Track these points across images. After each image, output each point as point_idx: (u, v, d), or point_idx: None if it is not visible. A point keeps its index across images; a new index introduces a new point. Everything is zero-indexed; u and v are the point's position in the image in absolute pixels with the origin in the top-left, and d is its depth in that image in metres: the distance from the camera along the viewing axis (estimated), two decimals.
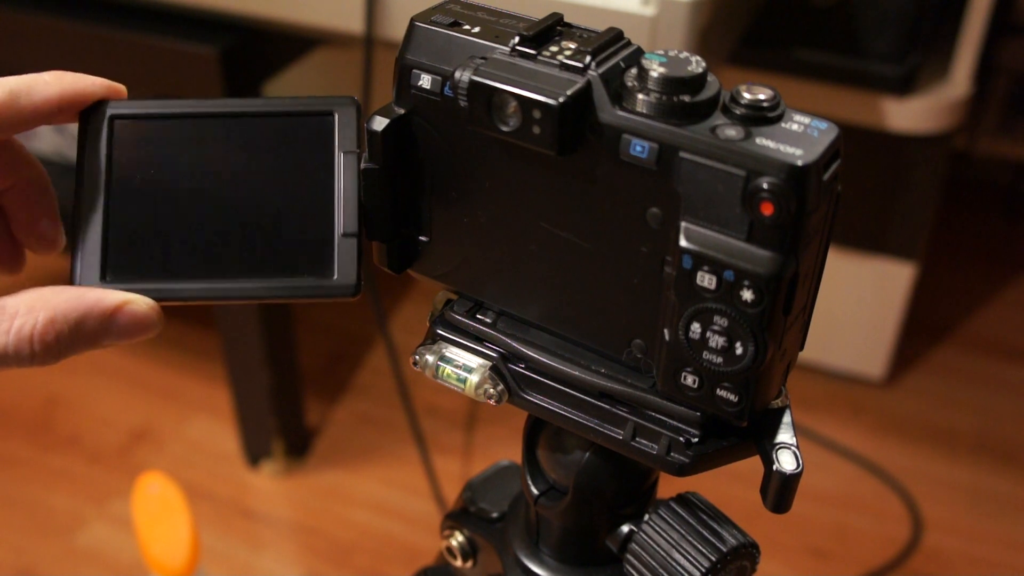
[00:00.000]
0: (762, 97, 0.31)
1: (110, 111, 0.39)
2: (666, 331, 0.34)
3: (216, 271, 0.38)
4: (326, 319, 1.55)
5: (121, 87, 0.40)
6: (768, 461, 0.35)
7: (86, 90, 0.39)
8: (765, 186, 0.30)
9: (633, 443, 0.37)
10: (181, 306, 0.39)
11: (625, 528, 0.43)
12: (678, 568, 0.39)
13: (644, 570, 0.41)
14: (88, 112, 0.39)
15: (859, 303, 1.39)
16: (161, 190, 0.39)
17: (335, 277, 0.38)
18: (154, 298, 0.38)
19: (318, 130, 0.39)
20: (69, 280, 0.38)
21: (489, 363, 0.40)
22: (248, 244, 0.38)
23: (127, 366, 1.46)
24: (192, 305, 0.39)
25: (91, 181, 0.38)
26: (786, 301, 0.31)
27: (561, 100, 0.31)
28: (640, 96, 0.32)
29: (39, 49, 1.05)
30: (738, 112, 0.31)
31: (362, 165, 0.38)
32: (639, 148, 0.32)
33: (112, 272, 0.38)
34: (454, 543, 0.50)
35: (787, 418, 0.36)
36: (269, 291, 0.38)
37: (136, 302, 0.37)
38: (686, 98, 0.31)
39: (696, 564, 0.39)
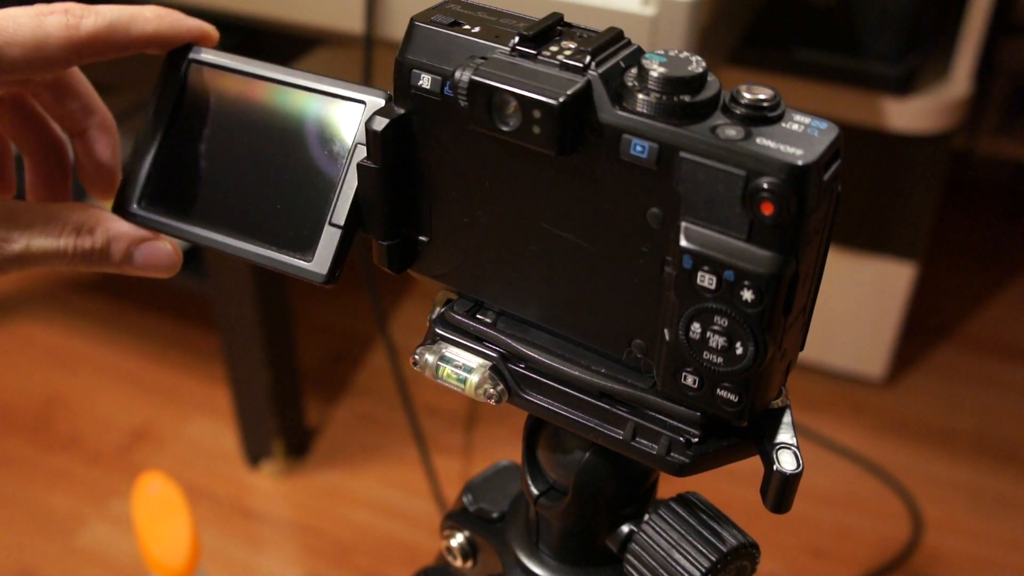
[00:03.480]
0: (762, 97, 0.31)
1: (191, 55, 0.43)
2: (666, 331, 0.34)
3: (221, 224, 0.42)
4: (326, 319, 1.56)
5: (213, 33, 0.44)
6: (768, 461, 0.35)
7: (180, 32, 0.43)
8: (765, 186, 0.30)
9: (633, 443, 0.37)
10: (183, 241, 0.43)
11: (625, 528, 0.43)
12: (678, 568, 0.39)
13: (644, 570, 0.41)
14: (174, 53, 0.43)
15: (859, 303, 1.39)
16: (206, 138, 0.42)
17: (312, 261, 0.40)
18: (165, 232, 0.42)
19: (347, 116, 0.40)
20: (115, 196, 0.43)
21: (489, 363, 0.40)
22: (255, 207, 0.41)
23: (127, 366, 1.46)
24: (194, 245, 0.43)
25: (157, 117, 0.43)
26: (786, 301, 0.31)
27: (561, 100, 0.31)
28: (640, 96, 0.32)
29: None
30: (738, 112, 0.31)
31: (359, 162, 0.38)
32: (639, 148, 0.32)
33: (146, 200, 0.43)
34: (454, 543, 0.50)
35: (787, 418, 0.36)
36: (255, 256, 0.41)
37: (162, 239, 0.42)
38: (686, 98, 0.31)
39: (696, 564, 0.39)
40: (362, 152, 0.39)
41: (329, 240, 0.39)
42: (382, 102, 0.39)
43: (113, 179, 0.46)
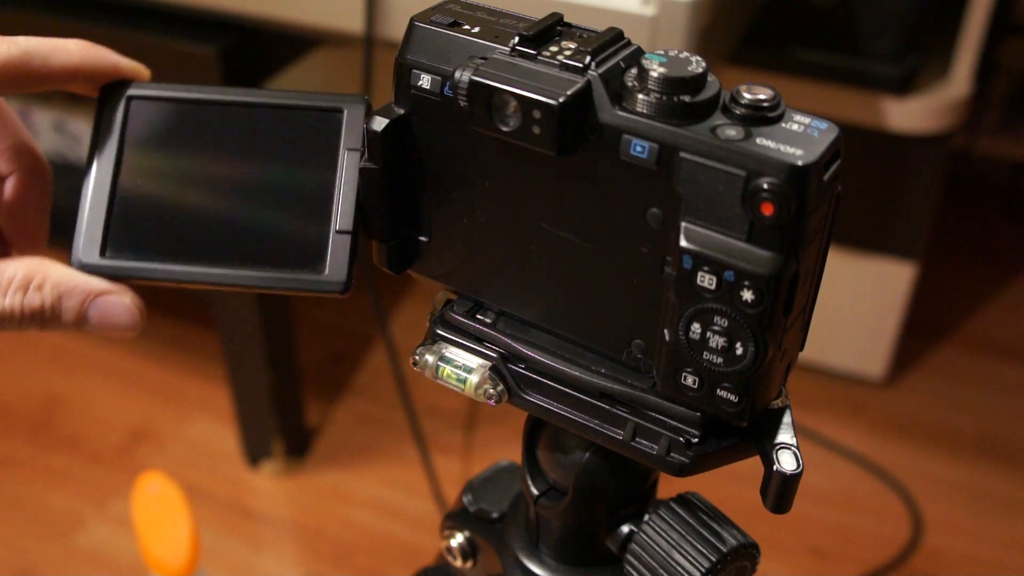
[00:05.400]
0: (762, 97, 0.31)
1: (130, 91, 0.40)
2: (666, 331, 0.34)
3: (213, 257, 0.38)
4: (326, 319, 1.56)
5: (145, 70, 0.40)
6: (768, 461, 0.35)
7: (107, 66, 0.39)
8: (765, 186, 0.29)
9: (633, 443, 0.37)
10: (175, 288, 0.39)
11: (625, 528, 0.43)
12: (678, 568, 0.39)
13: (644, 570, 0.41)
14: (108, 89, 0.40)
15: (859, 303, 1.39)
16: (169, 172, 0.39)
17: (326, 273, 0.38)
18: (149, 278, 0.38)
19: (326, 126, 0.39)
20: (70, 251, 0.38)
21: (489, 363, 0.40)
22: (246, 233, 0.39)
23: (127, 366, 1.46)
24: (186, 288, 0.39)
25: (102, 156, 0.39)
26: (786, 301, 0.31)
27: (561, 100, 0.31)
28: (640, 96, 0.32)
29: None
30: (738, 112, 0.31)
31: (361, 164, 0.38)
32: (639, 148, 0.32)
33: (112, 247, 0.38)
34: (454, 543, 0.50)
35: (787, 418, 0.36)
36: (260, 281, 0.38)
37: (120, 294, 0.37)
38: (686, 98, 0.31)
39: (696, 564, 0.39)
40: (354, 158, 0.38)
41: (340, 248, 0.38)
42: (362, 107, 0.39)
43: (41, 233, 0.42)
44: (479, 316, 0.40)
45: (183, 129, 0.40)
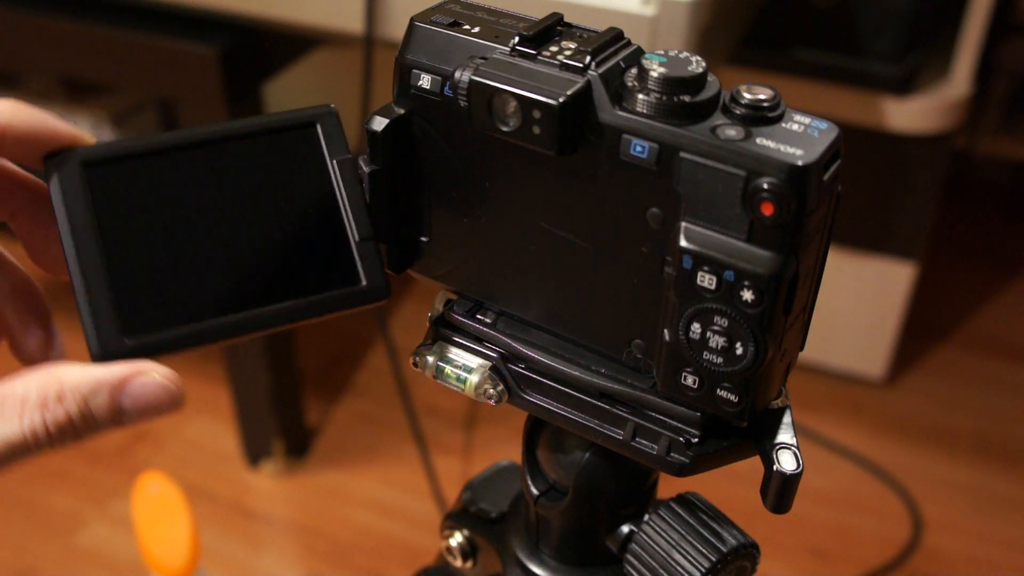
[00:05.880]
0: (762, 97, 0.31)
1: (81, 158, 0.35)
2: (666, 331, 0.34)
3: (242, 302, 0.36)
4: (326, 319, 1.55)
5: (89, 136, 0.36)
6: (768, 461, 0.35)
7: (43, 131, 0.34)
8: (765, 186, 0.29)
9: (633, 443, 0.37)
10: (220, 346, 0.36)
11: (625, 528, 0.43)
12: (678, 568, 0.39)
13: (644, 570, 0.41)
14: (54, 160, 0.35)
15: (859, 303, 1.39)
16: (159, 231, 0.35)
17: (364, 283, 0.37)
18: (187, 346, 0.35)
19: (303, 143, 0.38)
20: (87, 347, 0.34)
21: (489, 363, 0.40)
22: (266, 269, 0.37)
23: None
24: (230, 343, 0.36)
25: (78, 234, 0.34)
26: (786, 301, 0.31)
27: (561, 100, 0.31)
28: (640, 96, 0.32)
29: (39, 49, 1.05)
30: (738, 112, 0.31)
31: (360, 158, 0.38)
32: (639, 148, 0.32)
33: (133, 326, 0.34)
34: (454, 543, 0.50)
35: (787, 418, 0.36)
36: (303, 311, 0.36)
37: (148, 372, 0.33)
38: (686, 98, 0.31)
39: (696, 564, 0.39)
40: (345, 165, 0.38)
41: (368, 254, 0.37)
42: (332, 116, 0.38)
43: (47, 342, 0.39)
44: (479, 316, 0.40)
45: (156, 182, 0.36)
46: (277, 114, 0.37)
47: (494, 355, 0.40)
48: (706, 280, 0.31)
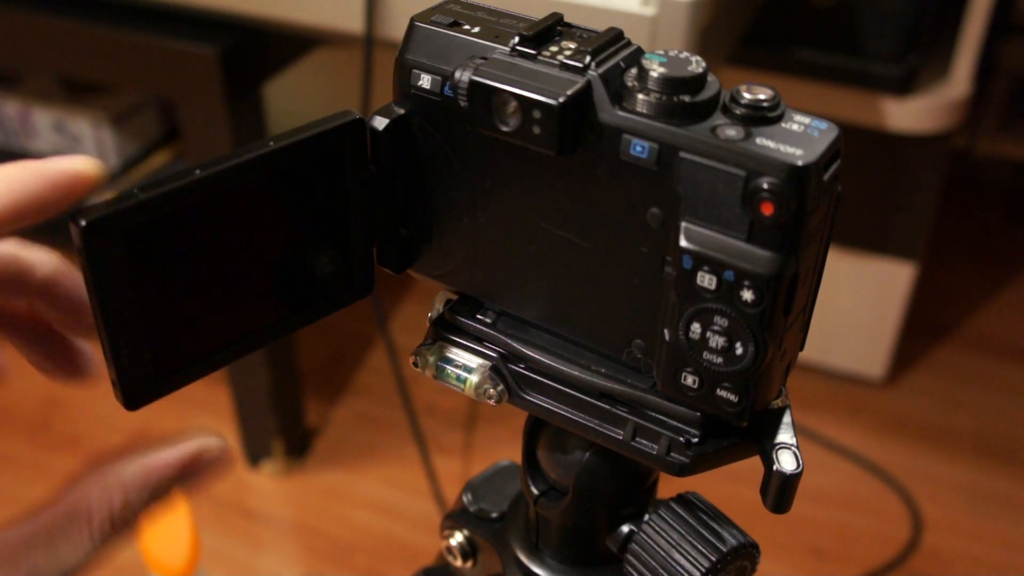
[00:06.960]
0: (762, 97, 0.31)
1: (120, 227, 0.31)
2: (666, 331, 0.34)
3: (256, 319, 0.37)
4: (326, 319, 1.55)
5: (91, 172, 0.33)
6: (768, 461, 0.35)
7: (45, 180, 0.32)
8: (765, 186, 0.29)
9: (633, 443, 0.37)
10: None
11: (625, 528, 0.43)
12: (678, 568, 0.39)
13: (644, 570, 0.41)
14: (81, 223, 0.30)
15: (859, 303, 1.39)
16: (182, 273, 0.34)
17: (354, 282, 0.39)
18: (207, 372, 0.35)
19: (324, 157, 0.36)
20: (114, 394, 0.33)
21: (489, 363, 0.40)
22: (278, 285, 0.37)
23: None
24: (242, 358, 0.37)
25: (111, 299, 0.32)
26: (786, 301, 0.31)
27: (561, 100, 0.31)
28: (640, 96, 0.32)
29: (39, 49, 1.06)
30: (738, 112, 0.31)
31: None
32: (639, 148, 0.32)
33: (161, 366, 0.35)
34: (454, 543, 0.50)
35: (787, 418, 0.36)
36: (308, 317, 0.38)
37: (209, 448, 0.33)
38: (686, 98, 0.31)
39: (696, 564, 0.39)
40: (365, 180, 0.37)
41: (364, 255, 0.39)
42: (358, 120, 0.37)
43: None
44: (479, 316, 0.40)
45: (182, 227, 0.33)
46: (296, 133, 0.35)
47: (494, 355, 0.40)
48: (706, 280, 0.31)
